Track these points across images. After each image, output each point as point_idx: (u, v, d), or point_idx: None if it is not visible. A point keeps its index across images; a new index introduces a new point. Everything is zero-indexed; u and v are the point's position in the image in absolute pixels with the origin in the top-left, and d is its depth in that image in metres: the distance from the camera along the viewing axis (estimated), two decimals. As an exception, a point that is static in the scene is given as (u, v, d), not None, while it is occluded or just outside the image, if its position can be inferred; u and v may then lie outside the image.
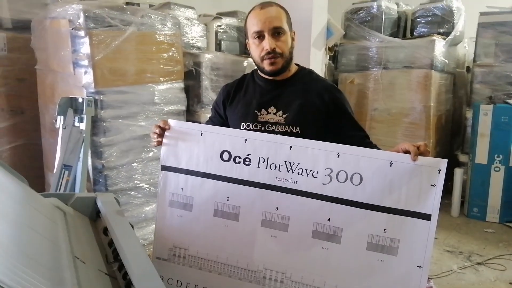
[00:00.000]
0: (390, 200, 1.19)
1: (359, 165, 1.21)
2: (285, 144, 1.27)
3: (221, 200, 1.34)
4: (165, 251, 1.41)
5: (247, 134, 1.33)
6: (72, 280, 0.81)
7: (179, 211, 1.40)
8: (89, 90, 2.50)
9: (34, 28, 2.87)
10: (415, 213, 1.17)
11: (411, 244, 1.18)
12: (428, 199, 1.15)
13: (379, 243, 1.20)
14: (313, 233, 1.25)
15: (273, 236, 1.29)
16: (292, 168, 1.26)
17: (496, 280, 2.70)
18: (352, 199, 1.22)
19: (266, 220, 1.30)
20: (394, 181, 1.18)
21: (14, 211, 0.92)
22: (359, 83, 4.09)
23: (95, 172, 2.58)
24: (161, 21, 2.76)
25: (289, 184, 1.27)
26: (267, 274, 1.30)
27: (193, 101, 3.11)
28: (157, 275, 0.88)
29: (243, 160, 1.30)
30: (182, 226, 1.39)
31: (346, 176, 1.22)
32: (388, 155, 1.20)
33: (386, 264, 1.20)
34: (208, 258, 1.36)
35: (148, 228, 2.83)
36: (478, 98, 3.88)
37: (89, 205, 1.29)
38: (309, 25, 3.43)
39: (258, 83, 1.51)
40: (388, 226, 1.19)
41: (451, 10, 3.97)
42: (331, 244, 1.24)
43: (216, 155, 1.33)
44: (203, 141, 1.34)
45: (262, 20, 1.37)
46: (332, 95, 1.45)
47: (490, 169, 3.65)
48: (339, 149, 1.23)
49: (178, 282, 1.40)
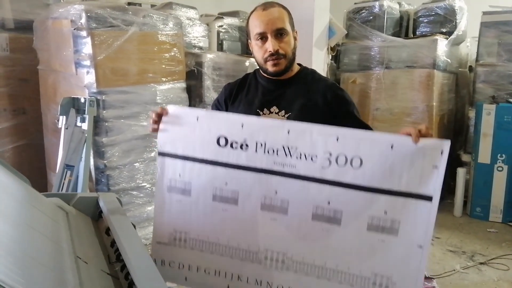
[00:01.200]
0: (391, 183, 1.17)
1: (359, 148, 1.19)
2: (283, 128, 1.25)
3: (220, 185, 1.33)
4: (165, 236, 1.41)
5: (243, 119, 1.31)
6: (74, 281, 0.81)
7: (178, 196, 1.38)
8: (91, 90, 2.50)
9: (36, 28, 2.88)
10: (416, 194, 1.15)
11: (412, 225, 1.17)
12: (430, 181, 1.13)
13: (379, 224, 1.19)
14: (313, 216, 1.25)
15: (273, 219, 1.29)
16: (290, 153, 1.24)
17: (499, 280, 2.69)
18: (352, 182, 1.20)
19: (265, 204, 1.29)
20: (395, 163, 1.16)
21: (16, 211, 0.92)
22: (361, 83, 4.08)
23: (97, 172, 2.59)
24: (163, 21, 2.76)
25: (288, 168, 1.25)
26: (268, 255, 1.31)
27: (195, 101, 3.11)
28: (159, 276, 0.88)
29: (240, 145, 1.29)
30: (182, 210, 1.38)
31: (346, 160, 1.20)
32: (389, 137, 1.18)
33: (387, 244, 1.19)
34: (209, 241, 1.36)
35: (150, 227, 2.83)
36: (480, 98, 3.87)
37: (91, 205, 1.29)
38: (311, 24, 3.43)
39: (261, 82, 1.50)
40: (389, 208, 1.18)
41: (454, 10, 3.95)
42: (331, 226, 1.23)
43: (212, 141, 1.31)
44: (199, 127, 1.33)
45: (265, 22, 1.37)
46: (335, 94, 1.45)
47: (493, 169, 3.63)
48: (338, 132, 1.21)
49: (180, 264, 1.40)
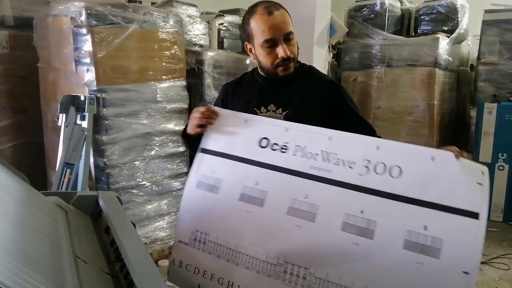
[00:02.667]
0: (432, 195, 1.07)
1: (399, 158, 1.14)
2: (325, 135, 1.25)
3: (250, 184, 1.30)
4: (187, 235, 1.38)
5: (289, 124, 1.32)
6: (74, 280, 0.80)
7: (205, 193, 1.37)
8: (91, 88, 2.49)
9: (36, 25, 2.86)
10: (461, 210, 1.03)
11: (456, 246, 1.01)
12: (475, 197, 1.03)
13: (418, 242, 1.05)
14: (343, 225, 1.13)
15: (298, 226, 1.19)
16: (328, 158, 1.22)
17: (500, 279, 2.68)
18: (389, 191, 1.11)
19: (293, 207, 1.21)
20: (437, 176, 1.09)
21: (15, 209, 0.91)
22: (362, 81, 4.08)
23: (97, 170, 2.58)
24: (163, 18, 2.75)
25: (323, 173, 1.21)
26: (288, 269, 1.19)
27: (196, 99, 3.10)
28: (159, 275, 0.87)
29: (280, 147, 1.29)
30: (206, 208, 1.37)
31: (385, 168, 1.14)
32: (429, 150, 1.14)
33: (426, 267, 1.03)
34: (227, 246, 1.30)
35: (150, 226, 2.83)
36: (482, 96, 3.86)
37: (91, 203, 1.28)
38: (312, 22, 3.42)
39: (258, 80, 1.50)
40: (430, 223, 1.05)
41: (455, 8, 3.94)
42: (363, 239, 1.10)
43: (254, 141, 1.33)
44: (245, 128, 1.36)
45: (274, 27, 1.33)
46: (333, 91, 1.44)
47: (494, 168, 3.62)
48: (379, 142, 1.20)
49: (196, 269, 1.34)
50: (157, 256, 2.81)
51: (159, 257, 2.81)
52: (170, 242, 2.89)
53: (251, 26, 1.38)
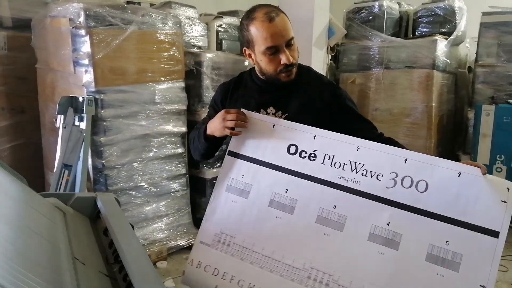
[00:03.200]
0: (456, 212, 1.13)
1: (426, 172, 1.18)
2: (353, 145, 1.26)
3: (280, 191, 1.32)
4: (210, 236, 1.38)
5: (317, 131, 1.32)
6: (72, 282, 0.80)
7: (235, 197, 1.38)
8: (89, 89, 2.49)
9: (35, 26, 2.86)
10: (482, 228, 1.10)
11: (475, 261, 1.09)
12: (498, 215, 1.09)
13: (439, 255, 1.13)
14: (369, 236, 1.19)
15: (326, 234, 1.24)
16: (356, 168, 1.24)
17: (499, 281, 2.68)
18: (415, 205, 1.17)
19: (322, 216, 1.26)
20: (462, 192, 1.13)
21: (13, 211, 0.91)
22: (361, 83, 4.08)
23: (95, 172, 2.57)
24: (162, 20, 2.75)
25: (351, 183, 1.24)
26: (312, 274, 1.23)
27: (194, 100, 3.10)
28: (158, 277, 0.87)
29: (308, 155, 1.30)
30: (234, 212, 1.37)
31: (412, 182, 1.18)
32: (456, 165, 1.16)
33: (446, 279, 1.11)
34: (253, 249, 1.31)
35: (148, 227, 2.82)
36: (480, 98, 3.86)
37: (89, 205, 1.27)
38: (311, 24, 3.42)
39: (257, 82, 1.49)
40: (451, 238, 1.12)
41: (453, 10, 3.95)
42: (388, 249, 1.17)
43: (283, 148, 1.33)
44: (272, 133, 1.36)
45: (276, 35, 1.32)
46: (331, 92, 1.45)
47: (492, 170, 3.62)
48: (407, 155, 1.21)
49: (216, 270, 1.35)
50: (156, 257, 2.80)
51: (157, 259, 2.81)
52: (168, 243, 2.88)
53: (251, 33, 1.36)
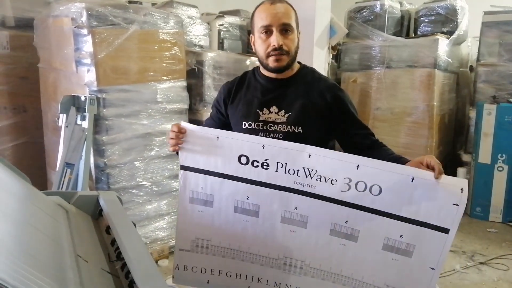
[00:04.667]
0: (409, 212, 1.21)
1: (379, 177, 1.22)
2: (304, 152, 1.27)
3: (241, 198, 1.36)
4: (187, 243, 1.44)
5: (264, 141, 1.32)
6: (75, 279, 0.81)
7: (200, 207, 1.41)
8: (91, 88, 2.50)
9: (37, 26, 2.87)
10: (434, 226, 1.19)
11: (426, 250, 1.21)
12: (449, 216, 1.17)
13: (394, 246, 1.24)
14: (331, 232, 1.30)
15: (292, 231, 1.34)
16: (310, 174, 1.27)
17: (499, 280, 2.69)
18: (370, 206, 1.24)
19: (285, 217, 1.33)
20: (415, 196, 1.19)
21: (16, 209, 0.92)
22: (362, 82, 4.08)
23: (97, 170, 2.58)
24: (163, 19, 2.75)
25: (308, 188, 1.29)
26: (287, 261, 1.37)
27: (196, 99, 3.11)
28: (159, 274, 0.88)
29: (261, 164, 1.31)
30: (204, 220, 1.41)
31: (365, 187, 1.23)
32: (410, 171, 1.20)
33: (400, 262, 1.24)
34: (230, 247, 1.41)
35: (150, 226, 2.83)
36: (481, 98, 3.87)
37: (91, 203, 1.28)
38: (312, 24, 3.42)
39: (260, 81, 1.49)
40: (405, 233, 1.22)
41: (455, 9, 3.95)
42: (348, 241, 1.29)
43: (234, 159, 1.33)
44: (220, 145, 1.34)
45: (272, 15, 1.36)
46: (334, 95, 1.44)
47: (493, 169, 3.63)
48: (359, 161, 1.23)
49: (203, 269, 1.45)
50: (157, 256, 2.81)
51: (159, 257, 2.82)
52: (170, 242, 2.89)
53: (254, 17, 1.43)
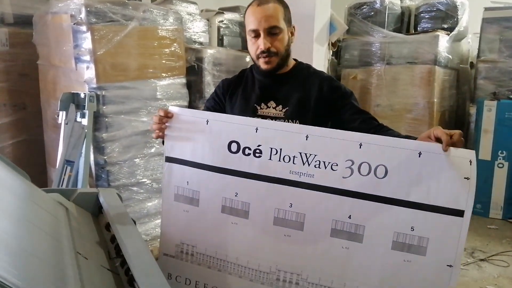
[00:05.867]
0: (419, 195, 1.06)
1: (384, 156, 1.08)
2: (301, 134, 1.14)
3: (229, 195, 1.23)
4: (172, 247, 1.35)
5: (258, 122, 1.21)
6: (75, 276, 0.81)
7: (185, 205, 1.30)
8: (91, 85, 2.49)
9: (36, 23, 2.86)
10: (447, 209, 1.05)
11: (441, 243, 1.06)
12: (461, 194, 1.03)
13: (405, 242, 1.08)
14: (331, 232, 1.14)
15: (286, 235, 1.17)
16: (308, 160, 1.13)
17: (499, 277, 2.69)
18: (376, 193, 1.09)
19: (278, 218, 1.18)
20: (424, 173, 1.06)
21: (16, 206, 0.92)
22: (362, 79, 4.07)
23: (97, 168, 2.58)
24: (163, 16, 2.74)
25: (305, 178, 1.14)
26: (280, 276, 1.19)
27: (195, 96, 3.10)
28: (159, 271, 0.88)
29: (253, 151, 1.19)
30: (189, 221, 1.30)
31: (370, 169, 1.09)
32: (416, 144, 1.08)
33: (413, 264, 1.08)
34: (217, 257, 1.27)
35: (150, 223, 2.83)
36: (482, 94, 3.86)
37: (91, 200, 1.28)
38: (312, 20, 3.41)
39: (257, 77, 1.50)
40: (416, 223, 1.07)
41: (455, 5, 3.94)
42: (352, 243, 1.12)
43: (223, 146, 1.22)
44: (209, 131, 1.23)
45: (258, 19, 1.35)
46: (330, 85, 1.45)
47: (493, 166, 3.63)
48: (361, 139, 1.10)
49: (187, 280, 1.33)
50: (157, 253, 2.80)
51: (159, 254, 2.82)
52: (170, 239, 2.90)
53: (245, 18, 1.44)
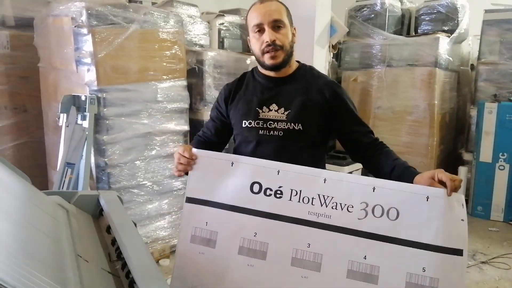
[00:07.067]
0: (428, 236, 1.14)
1: (395, 199, 1.17)
2: (319, 177, 1.22)
3: (248, 236, 1.24)
4: None
5: (280, 166, 1.26)
6: (75, 279, 0.80)
7: (201, 247, 1.29)
8: (91, 88, 2.50)
9: (37, 26, 2.87)
10: (451, 249, 1.13)
11: (449, 283, 1.13)
12: (461, 235, 1.13)
13: (418, 283, 1.13)
14: (348, 273, 1.17)
15: (304, 277, 1.19)
16: (326, 202, 1.20)
17: (501, 279, 2.68)
18: (389, 235, 1.16)
19: (296, 258, 1.20)
20: (431, 216, 1.14)
21: (17, 209, 0.92)
22: (363, 81, 4.08)
23: (98, 170, 2.58)
24: (163, 18, 2.75)
25: (323, 218, 1.20)
26: None
27: (196, 99, 3.10)
28: (160, 274, 0.88)
29: (274, 192, 1.24)
30: (203, 265, 1.28)
31: (382, 211, 1.17)
32: (424, 189, 1.16)
33: None
34: None
35: (151, 225, 2.83)
36: (482, 96, 3.86)
37: (92, 203, 1.28)
38: (313, 22, 3.42)
39: (259, 80, 1.50)
40: (427, 264, 1.13)
41: (456, 8, 3.94)
42: (368, 285, 1.15)
43: (246, 187, 1.26)
44: (233, 172, 1.28)
45: (262, 13, 1.38)
46: (333, 91, 1.45)
47: (494, 168, 3.63)
48: (375, 183, 1.19)
49: None
50: (158, 255, 2.81)
51: (160, 257, 2.82)
52: (171, 241, 2.89)
53: (247, 18, 1.45)
